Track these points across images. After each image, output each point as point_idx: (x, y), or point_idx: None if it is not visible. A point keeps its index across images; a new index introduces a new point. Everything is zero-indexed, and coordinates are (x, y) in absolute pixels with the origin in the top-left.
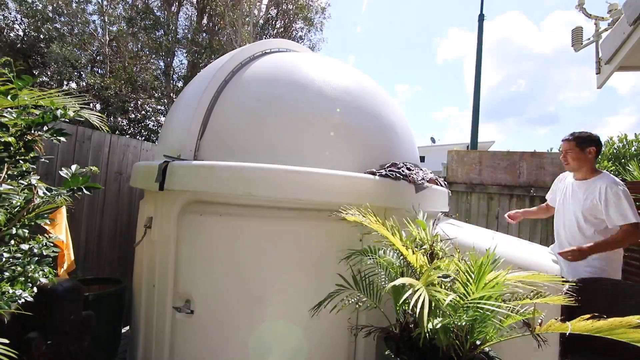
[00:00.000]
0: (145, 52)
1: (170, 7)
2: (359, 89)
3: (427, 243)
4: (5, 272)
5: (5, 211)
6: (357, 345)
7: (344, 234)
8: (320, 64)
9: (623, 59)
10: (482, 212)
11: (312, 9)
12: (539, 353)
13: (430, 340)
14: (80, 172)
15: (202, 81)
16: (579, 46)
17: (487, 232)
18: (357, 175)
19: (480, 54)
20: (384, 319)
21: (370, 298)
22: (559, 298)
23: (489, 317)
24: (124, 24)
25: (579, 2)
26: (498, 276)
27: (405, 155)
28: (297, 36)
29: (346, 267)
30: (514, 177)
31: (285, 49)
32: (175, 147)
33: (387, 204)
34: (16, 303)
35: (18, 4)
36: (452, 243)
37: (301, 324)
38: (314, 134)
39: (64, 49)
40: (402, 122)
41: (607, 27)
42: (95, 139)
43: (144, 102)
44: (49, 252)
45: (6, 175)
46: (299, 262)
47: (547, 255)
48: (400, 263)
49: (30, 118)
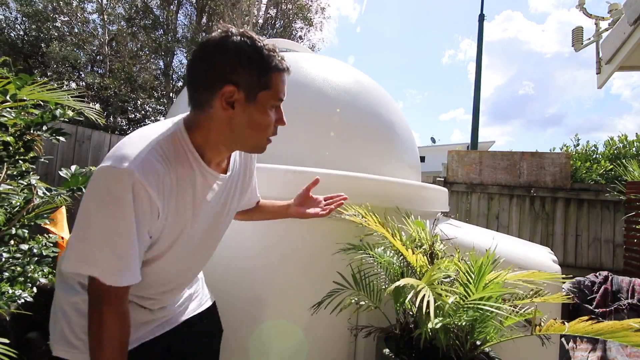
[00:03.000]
0: (145, 51)
1: (169, 6)
2: (359, 89)
3: (427, 243)
4: (5, 272)
5: (4, 211)
6: (357, 345)
7: (344, 234)
8: (320, 63)
9: (623, 59)
10: (482, 212)
11: (311, 8)
12: (539, 353)
13: (431, 340)
14: (80, 172)
15: None
16: (580, 46)
17: (487, 232)
18: (357, 175)
19: (481, 54)
20: (384, 319)
21: (371, 298)
22: (559, 296)
23: (490, 318)
24: (124, 24)
25: (579, 2)
26: (498, 276)
27: (405, 155)
28: (296, 36)
29: (346, 265)
30: (514, 177)
31: (285, 49)
32: None
33: (386, 204)
34: (16, 303)
35: (19, 4)
36: (451, 243)
37: (301, 324)
38: (314, 133)
39: (64, 49)
40: (402, 122)
41: (608, 27)
42: (95, 138)
43: (143, 102)
44: (49, 252)
45: (6, 175)
46: (299, 262)
47: (547, 255)
48: (400, 263)
49: (29, 118)
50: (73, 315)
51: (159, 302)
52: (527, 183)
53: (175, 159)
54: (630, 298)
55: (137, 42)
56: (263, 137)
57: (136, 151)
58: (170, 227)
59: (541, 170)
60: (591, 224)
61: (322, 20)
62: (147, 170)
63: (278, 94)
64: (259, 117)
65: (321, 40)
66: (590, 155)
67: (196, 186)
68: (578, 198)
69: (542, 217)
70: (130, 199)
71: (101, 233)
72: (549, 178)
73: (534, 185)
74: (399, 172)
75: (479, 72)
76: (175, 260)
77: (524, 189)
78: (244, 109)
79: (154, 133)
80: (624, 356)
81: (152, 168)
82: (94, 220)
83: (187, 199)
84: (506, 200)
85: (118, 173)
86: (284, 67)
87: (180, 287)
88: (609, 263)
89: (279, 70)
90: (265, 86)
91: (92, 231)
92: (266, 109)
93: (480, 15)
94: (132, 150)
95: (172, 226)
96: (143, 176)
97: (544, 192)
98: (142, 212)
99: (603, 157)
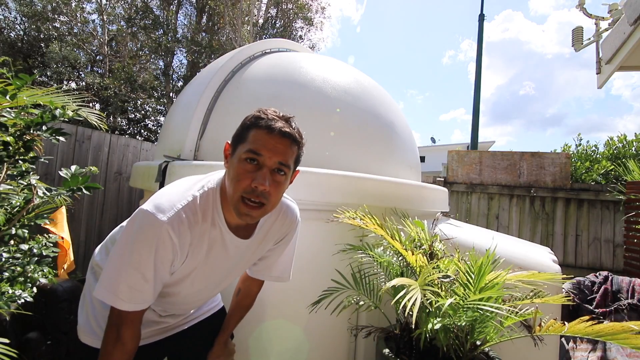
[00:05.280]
0: (145, 51)
1: (169, 6)
2: (359, 89)
3: (426, 243)
4: (4, 272)
5: (4, 211)
6: (357, 345)
7: (344, 234)
8: (320, 63)
9: (623, 59)
10: (482, 212)
11: (311, 8)
12: (539, 353)
13: (431, 340)
14: (80, 172)
15: (202, 81)
16: (580, 46)
17: (487, 232)
18: (358, 175)
19: (481, 54)
20: (384, 319)
21: (371, 298)
22: (559, 298)
23: (489, 318)
24: (123, 23)
25: (579, 2)
26: (498, 276)
27: (405, 155)
28: (296, 36)
29: (347, 266)
30: (514, 177)
31: (285, 49)
32: (175, 147)
33: (386, 204)
34: (16, 303)
35: (18, 3)
36: (451, 243)
37: (301, 324)
38: (314, 133)
39: (63, 49)
40: (402, 122)
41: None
42: (94, 138)
43: (143, 102)
44: (49, 252)
45: (5, 175)
46: (299, 262)
47: (547, 255)
48: (400, 263)
49: (29, 118)
50: (98, 305)
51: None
52: (527, 183)
53: (203, 217)
54: (630, 298)
55: (137, 42)
56: (236, 192)
57: (174, 203)
58: (181, 269)
59: (541, 170)
60: (591, 224)
61: (322, 20)
62: (176, 223)
63: (251, 144)
64: (233, 170)
65: (321, 40)
66: (591, 155)
67: (212, 242)
68: (578, 198)
69: (542, 217)
70: (155, 244)
71: (124, 264)
72: (549, 178)
73: (534, 185)
74: (399, 172)
75: (479, 72)
76: (183, 292)
77: (524, 189)
78: (231, 163)
79: (196, 188)
80: (624, 356)
81: (181, 221)
82: (123, 252)
83: (202, 250)
84: (506, 200)
85: (154, 220)
86: (263, 125)
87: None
88: (609, 263)
89: (258, 127)
90: (243, 139)
91: (119, 261)
92: (241, 162)
93: (480, 15)
94: (170, 201)
95: (182, 269)
96: (171, 228)
97: (544, 192)
98: (165, 256)
99: (603, 157)
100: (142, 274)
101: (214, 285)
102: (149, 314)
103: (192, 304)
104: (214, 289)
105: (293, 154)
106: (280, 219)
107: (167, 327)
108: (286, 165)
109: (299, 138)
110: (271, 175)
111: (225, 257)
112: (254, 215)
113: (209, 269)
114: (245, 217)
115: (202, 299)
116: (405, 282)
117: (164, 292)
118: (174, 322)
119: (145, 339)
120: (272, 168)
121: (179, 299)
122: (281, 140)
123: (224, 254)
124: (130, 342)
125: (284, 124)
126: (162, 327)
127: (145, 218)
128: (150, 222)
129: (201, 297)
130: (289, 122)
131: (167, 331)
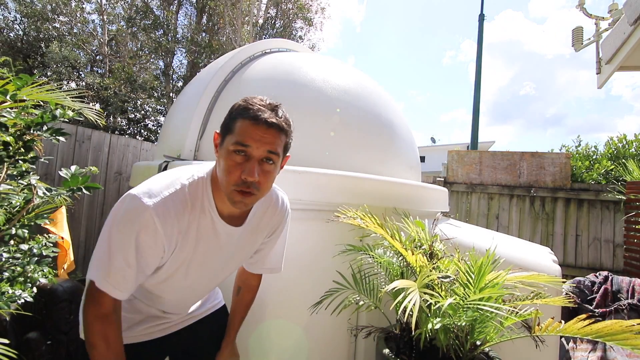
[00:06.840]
0: (145, 51)
1: (169, 6)
2: (359, 89)
3: (427, 243)
4: (4, 272)
5: (4, 211)
6: (357, 345)
7: (344, 234)
8: (320, 63)
9: (623, 59)
10: (482, 212)
11: (311, 8)
12: (539, 353)
13: (431, 340)
14: (80, 172)
15: (202, 81)
16: (580, 46)
17: (486, 232)
18: (358, 176)
19: (481, 54)
20: (384, 319)
21: (371, 298)
22: (559, 299)
23: (489, 318)
24: (123, 23)
25: (579, 2)
26: (498, 277)
27: (405, 156)
28: (296, 36)
29: (347, 266)
30: (514, 177)
31: (285, 49)
32: (175, 147)
33: (386, 204)
34: (16, 303)
35: (18, 3)
36: (451, 243)
37: (301, 324)
38: (314, 133)
39: (63, 49)
40: (402, 122)
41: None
42: (94, 138)
43: (143, 102)
44: (49, 252)
45: (5, 175)
46: (299, 262)
47: (547, 255)
48: (400, 263)
49: (29, 118)
50: None
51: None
52: (527, 183)
53: (192, 205)
54: (630, 298)
55: (137, 42)
56: (228, 184)
57: (161, 190)
58: (172, 260)
59: (541, 170)
60: (591, 224)
61: (322, 20)
62: (161, 210)
63: (238, 136)
64: (222, 161)
65: (321, 40)
66: (591, 155)
67: (202, 230)
68: (578, 198)
69: (542, 217)
70: (137, 227)
71: (109, 244)
72: (549, 178)
73: (534, 185)
74: (399, 172)
75: (479, 73)
76: (177, 285)
77: (524, 189)
78: (220, 153)
79: (185, 176)
80: (624, 356)
81: (167, 208)
82: (108, 233)
83: (192, 238)
84: (506, 200)
85: (138, 204)
86: (250, 115)
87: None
88: (609, 263)
89: (244, 117)
90: (230, 130)
91: (105, 242)
92: (230, 153)
93: (480, 15)
94: (158, 188)
95: (173, 260)
96: (156, 214)
97: (544, 192)
98: (147, 242)
99: (603, 157)
100: (123, 257)
101: (208, 278)
102: (151, 310)
103: (191, 299)
104: (210, 283)
105: (281, 142)
106: (271, 208)
107: (169, 323)
108: (275, 153)
109: (286, 127)
110: (260, 165)
111: (217, 245)
112: (247, 202)
113: (201, 259)
114: (239, 204)
115: (200, 293)
116: (404, 284)
117: (159, 286)
118: (176, 318)
119: (148, 335)
120: (260, 158)
121: (175, 292)
122: (268, 130)
123: (215, 243)
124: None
125: (270, 114)
126: (164, 323)
127: (131, 201)
128: (135, 206)
129: (198, 291)
130: (275, 110)
131: (169, 328)
